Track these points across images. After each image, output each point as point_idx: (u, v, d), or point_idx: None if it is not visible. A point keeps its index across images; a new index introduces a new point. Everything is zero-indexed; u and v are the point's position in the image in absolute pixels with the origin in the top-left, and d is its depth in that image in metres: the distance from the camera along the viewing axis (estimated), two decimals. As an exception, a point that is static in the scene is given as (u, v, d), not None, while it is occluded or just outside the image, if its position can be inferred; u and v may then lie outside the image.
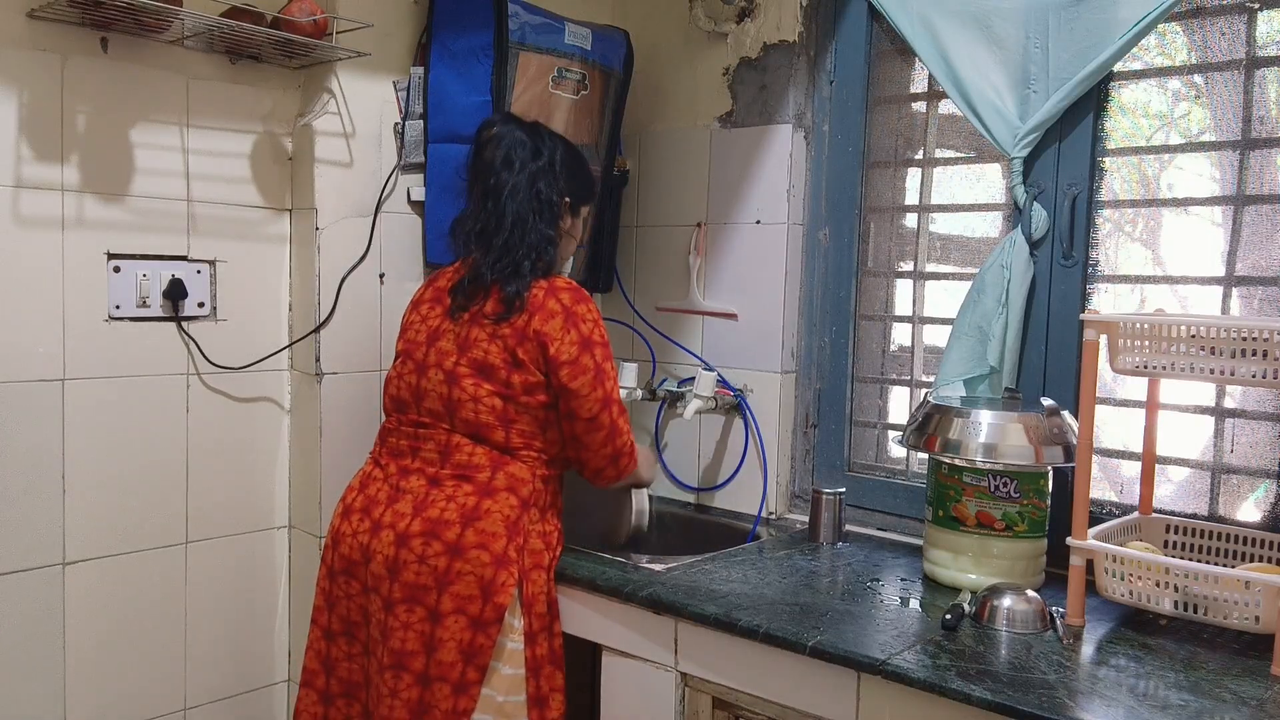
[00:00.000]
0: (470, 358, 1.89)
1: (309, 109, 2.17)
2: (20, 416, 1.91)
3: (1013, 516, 1.86)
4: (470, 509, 1.83)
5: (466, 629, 1.78)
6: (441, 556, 1.79)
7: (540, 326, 1.86)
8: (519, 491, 1.87)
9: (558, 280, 1.94)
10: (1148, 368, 1.64)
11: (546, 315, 1.87)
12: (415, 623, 1.79)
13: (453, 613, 1.78)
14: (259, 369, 2.22)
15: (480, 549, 1.80)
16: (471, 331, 1.90)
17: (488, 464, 1.88)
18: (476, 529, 1.81)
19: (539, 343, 1.86)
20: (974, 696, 1.43)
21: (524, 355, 1.87)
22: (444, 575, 1.79)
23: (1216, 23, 1.88)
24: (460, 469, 1.88)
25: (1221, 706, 1.40)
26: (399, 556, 1.81)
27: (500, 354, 1.87)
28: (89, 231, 1.97)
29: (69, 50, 1.92)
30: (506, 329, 1.88)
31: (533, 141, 1.98)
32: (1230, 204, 1.88)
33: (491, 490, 1.86)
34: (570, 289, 1.92)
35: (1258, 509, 1.87)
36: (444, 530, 1.81)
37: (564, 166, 2.00)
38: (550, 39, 2.26)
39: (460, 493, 1.85)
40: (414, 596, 1.79)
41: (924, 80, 2.26)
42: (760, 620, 1.68)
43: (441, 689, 1.77)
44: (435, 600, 1.78)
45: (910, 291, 2.31)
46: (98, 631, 2.03)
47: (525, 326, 1.87)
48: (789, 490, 2.44)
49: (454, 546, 1.80)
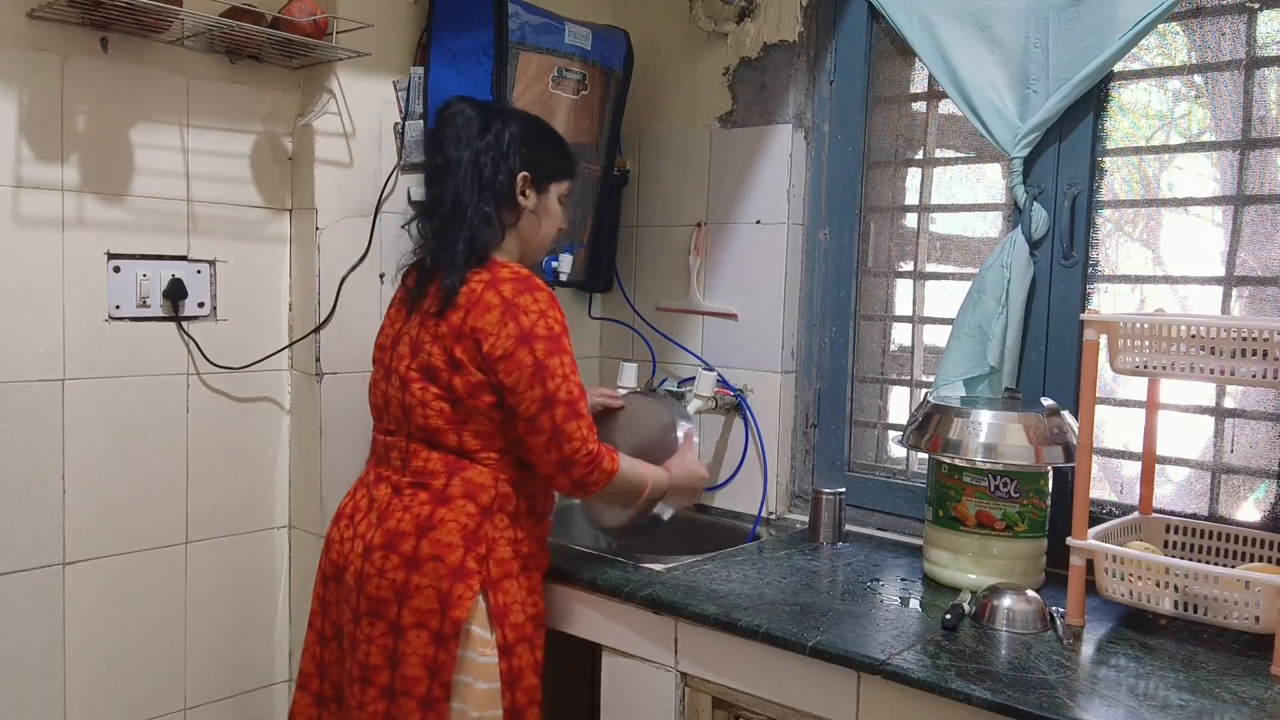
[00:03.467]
0: (419, 361, 1.81)
1: (309, 109, 2.17)
2: (20, 416, 1.91)
3: (1013, 516, 1.86)
4: (424, 519, 1.77)
5: (429, 644, 1.73)
6: (399, 570, 1.75)
7: (475, 322, 1.75)
8: (477, 499, 1.79)
9: (502, 270, 1.80)
10: (1148, 368, 1.64)
11: (483, 309, 1.76)
12: (378, 636, 1.75)
13: (413, 627, 1.73)
14: (259, 369, 2.21)
15: (435, 561, 1.74)
16: (420, 333, 1.83)
17: (443, 470, 1.80)
18: (431, 539, 1.75)
19: (474, 340, 1.75)
20: (974, 696, 1.43)
21: (461, 355, 1.77)
22: (402, 589, 1.74)
23: (1216, 23, 1.88)
24: (418, 476, 1.81)
25: (1221, 706, 1.41)
26: (364, 569, 1.78)
27: (441, 355, 1.79)
28: (89, 231, 1.97)
29: (69, 50, 1.92)
30: (444, 328, 1.78)
31: (482, 118, 1.86)
32: (1230, 204, 1.88)
33: (447, 498, 1.79)
34: (515, 279, 1.79)
35: (1258, 509, 1.87)
36: (400, 542, 1.76)
37: (518, 141, 1.86)
38: (550, 39, 2.26)
39: (416, 502, 1.79)
40: (376, 610, 1.76)
41: (924, 80, 2.26)
42: (760, 620, 1.68)
43: (407, 704, 1.73)
44: (396, 614, 1.74)
45: (910, 291, 2.31)
46: (98, 631, 2.03)
47: (461, 324, 1.77)
48: (789, 490, 2.44)
49: (410, 559, 1.75)
